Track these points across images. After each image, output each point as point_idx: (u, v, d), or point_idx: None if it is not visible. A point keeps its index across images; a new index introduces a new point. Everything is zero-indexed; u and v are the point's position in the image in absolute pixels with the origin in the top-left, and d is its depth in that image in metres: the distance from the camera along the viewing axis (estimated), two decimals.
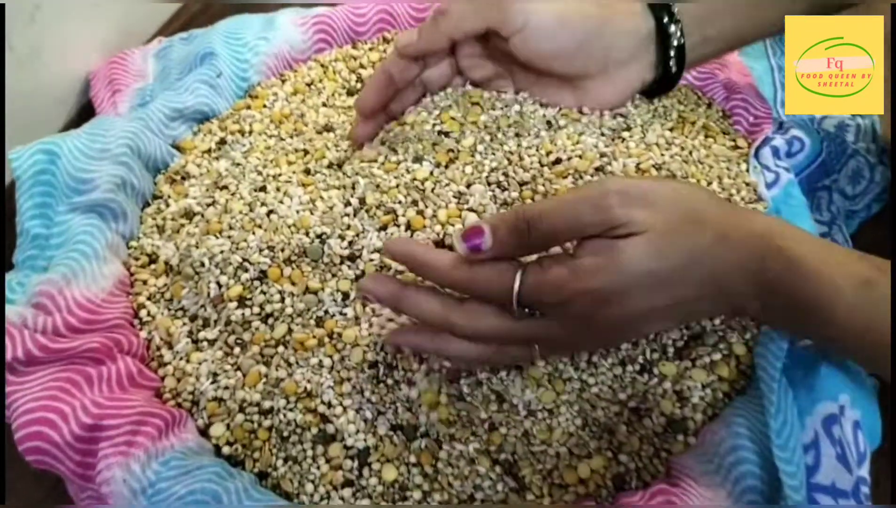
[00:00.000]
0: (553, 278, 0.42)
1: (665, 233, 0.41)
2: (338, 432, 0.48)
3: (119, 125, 0.58)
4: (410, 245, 0.46)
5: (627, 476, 0.48)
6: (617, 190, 0.41)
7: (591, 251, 0.42)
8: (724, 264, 0.43)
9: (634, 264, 0.41)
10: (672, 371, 0.49)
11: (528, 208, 0.42)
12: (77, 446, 0.45)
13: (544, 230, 0.41)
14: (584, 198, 0.42)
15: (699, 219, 0.43)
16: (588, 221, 0.41)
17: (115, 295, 0.53)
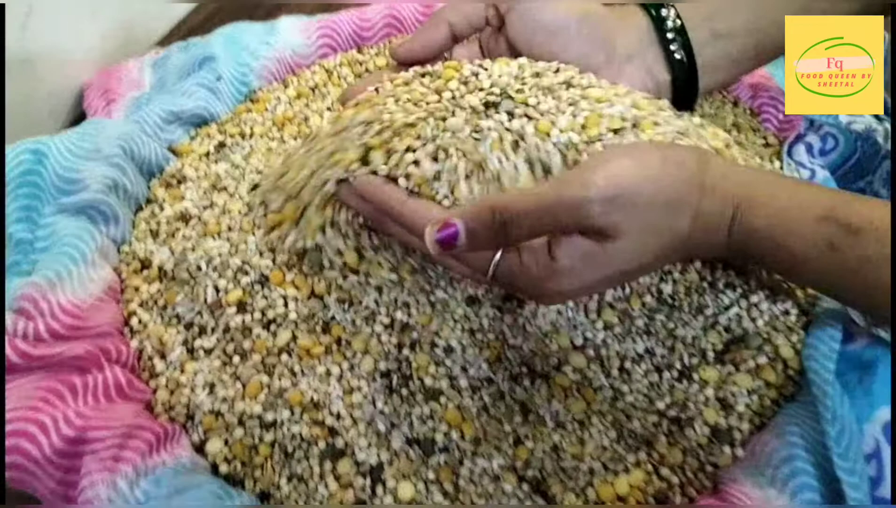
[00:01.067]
0: (529, 273, 0.42)
1: (638, 236, 0.41)
2: (347, 446, 0.44)
3: (112, 126, 0.55)
4: (386, 192, 0.45)
5: (671, 491, 0.43)
6: (600, 199, 0.39)
7: (567, 252, 0.41)
8: (694, 242, 0.43)
9: (609, 266, 0.42)
10: (714, 377, 0.45)
11: (505, 207, 0.40)
12: (57, 461, 0.40)
13: (521, 232, 0.40)
14: (564, 204, 0.39)
15: (677, 206, 0.42)
16: (568, 225, 0.40)
17: (104, 301, 0.48)
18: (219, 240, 0.49)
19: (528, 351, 0.47)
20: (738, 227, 0.42)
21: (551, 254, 0.41)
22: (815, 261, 0.41)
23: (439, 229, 0.40)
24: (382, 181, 0.45)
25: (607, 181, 0.40)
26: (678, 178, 0.41)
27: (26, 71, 0.64)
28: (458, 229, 0.40)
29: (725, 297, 0.47)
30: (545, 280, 0.42)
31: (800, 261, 0.41)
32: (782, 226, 0.41)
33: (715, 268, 0.48)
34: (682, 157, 0.42)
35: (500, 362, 0.47)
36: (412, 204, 0.44)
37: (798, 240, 0.41)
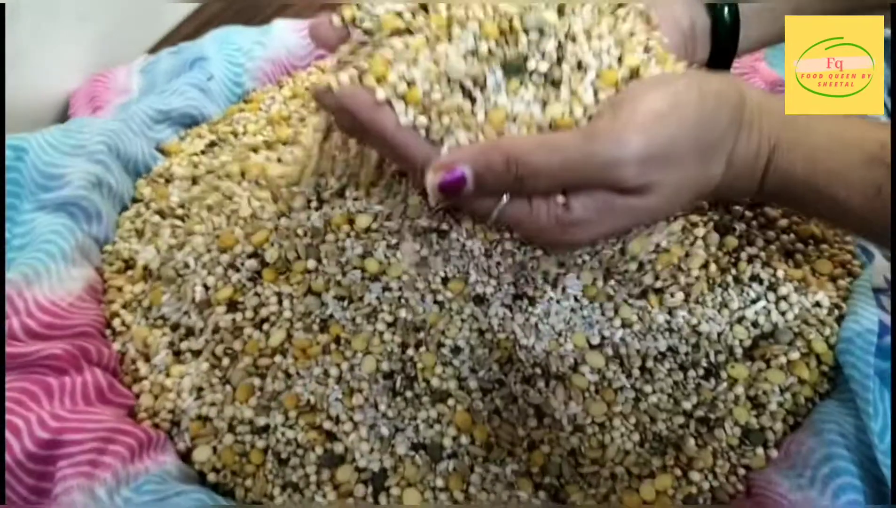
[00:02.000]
0: (538, 222, 0.37)
1: (671, 192, 0.37)
2: (347, 451, 0.40)
3: (97, 124, 0.52)
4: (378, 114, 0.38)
5: (701, 496, 0.39)
6: (636, 159, 0.34)
7: (585, 205, 0.36)
8: (723, 188, 0.39)
9: (629, 218, 0.38)
10: (743, 374, 0.42)
11: (524, 159, 0.35)
12: (30, 466, 0.37)
13: (539, 187, 0.36)
14: (595, 164, 0.35)
15: (713, 151, 0.38)
16: (597, 184, 0.36)
17: (85, 301, 0.45)
18: (208, 237, 0.46)
19: (541, 352, 0.44)
20: (773, 173, 0.39)
21: (566, 203, 0.37)
22: (860, 207, 0.38)
23: (443, 173, 0.36)
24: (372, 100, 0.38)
25: (643, 136, 0.35)
26: (717, 119, 0.37)
27: (10, 77, 0.61)
28: (464, 175, 0.35)
29: (751, 290, 0.44)
30: (556, 231, 0.37)
31: (843, 207, 0.38)
32: (824, 170, 0.38)
33: (739, 260, 0.45)
34: (720, 88, 0.38)
35: (511, 363, 0.44)
36: (405, 135, 0.38)
37: (842, 185, 0.38)
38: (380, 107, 0.37)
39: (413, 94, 0.37)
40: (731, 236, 0.46)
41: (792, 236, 0.46)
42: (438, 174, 0.35)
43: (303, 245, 0.45)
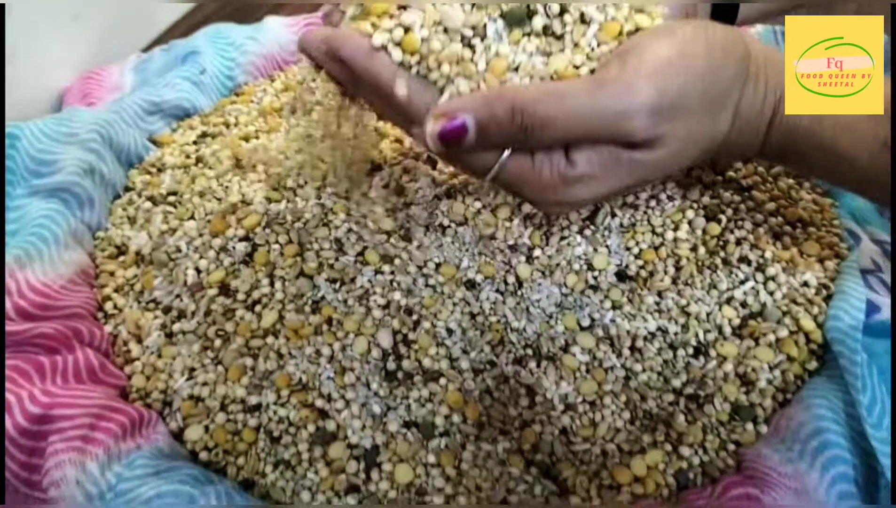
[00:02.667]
0: (540, 178, 0.35)
1: (679, 146, 0.36)
2: (339, 429, 0.40)
3: (90, 113, 0.53)
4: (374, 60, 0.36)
5: (691, 472, 0.39)
6: (646, 110, 0.33)
7: (588, 157, 0.35)
8: (731, 147, 0.39)
9: (634, 176, 0.36)
10: (733, 352, 0.42)
11: (529, 109, 0.33)
12: (22, 442, 0.37)
13: (544, 139, 0.34)
14: (605, 115, 0.33)
15: (721, 103, 0.37)
16: (603, 137, 0.34)
17: (77, 284, 0.45)
18: (199, 221, 0.46)
19: (532, 333, 0.44)
20: (778, 126, 0.39)
21: (569, 157, 0.35)
22: (865, 161, 0.38)
23: (444, 122, 0.34)
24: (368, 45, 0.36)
25: (654, 86, 0.33)
26: (724, 68, 0.36)
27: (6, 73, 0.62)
28: (466, 123, 0.34)
29: (740, 272, 0.45)
30: (557, 188, 0.35)
31: (847, 162, 0.38)
32: (830, 123, 0.38)
33: (727, 242, 0.45)
34: (726, 39, 0.37)
35: (502, 345, 0.44)
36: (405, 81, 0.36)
37: (847, 138, 0.38)
38: (376, 53, 0.35)
39: (410, 40, 0.35)
40: (718, 219, 0.46)
41: (780, 219, 0.46)
42: (439, 122, 0.34)
43: (295, 230, 0.45)
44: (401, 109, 0.36)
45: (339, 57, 0.36)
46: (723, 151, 0.39)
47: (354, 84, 0.38)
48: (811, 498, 0.36)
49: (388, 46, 0.35)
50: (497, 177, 0.36)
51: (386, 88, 0.36)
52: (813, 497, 0.36)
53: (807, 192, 0.49)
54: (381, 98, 0.37)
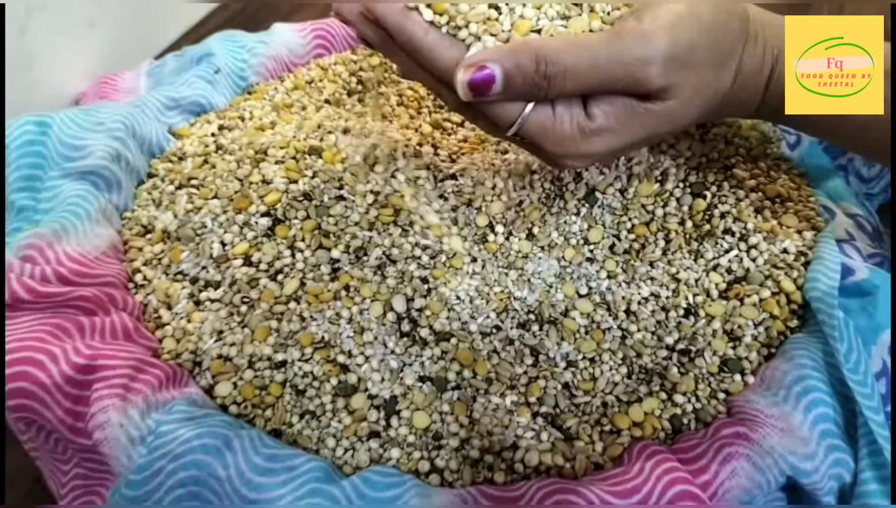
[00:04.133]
0: (560, 131, 0.38)
1: (689, 95, 0.39)
2: (360, 381, 0.43)
3: (114, 106, 0.56)
4: (408, 19, 0.38)
5: (685, 417, 0.43)
6: (661, 58, 0.36)
7: (606, 111, 0.38)
8: (730, 102, 0.42)
9: (647, 129, 0.39)
10: (720, 311, 0.46)
11: (553, 58, 0.36)
12: (67, 389, 0.39)
13: (565, 88, 0.37)
14: (622, 61, 0.36)
15: (724, 61, 0.40)
16: (621, 86, 0.37)
17: (108, 256, 0.48)
18: (223, 200, 0.50)
19: (534, 302, 0.48)
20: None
21: (587, 111, 0.38)
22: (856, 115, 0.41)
23: (473, 71, 0.36)
24: (401, 5, 0.39)
25: (668, 37, 0.36)
26: (729, 27, 0.40)
27: (23, 76, 0.65)
28: (494, 73, 0.36)
29: (724, 242, 0.48)
30: (577, 140, 0.38)
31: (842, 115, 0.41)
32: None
33: (712, 216, 0.49)
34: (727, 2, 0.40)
35: (506, 312, 0.47)
36: (435, 36, 0.38)
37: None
38: (408, 12, 0.38)
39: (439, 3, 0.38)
40: (704, 196, 0.50)
41: (760, 195, 0.50)
42: (469, 71, 0.36)
43: (313, 207, 0.49)
44: (430, 65, 0.39)
45: (373, 16, 0.39)
46: (725, 106, 0.42)
47: (387, 45, 0.41)
48: (796, 435, 0.40)
49: (420, 7, 0.38)
50: (519, 130, 0.39)
51: (418, 42, 0.38)
52: (797, 435, 0.40)
53: (784, 172, 0.53)
54: (413, 56, 0.39)
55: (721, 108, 0.43)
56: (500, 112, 0.39)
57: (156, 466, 0.38)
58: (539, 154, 0.42)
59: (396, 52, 0.40)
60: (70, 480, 0.44)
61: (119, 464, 0.39)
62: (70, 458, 0.43)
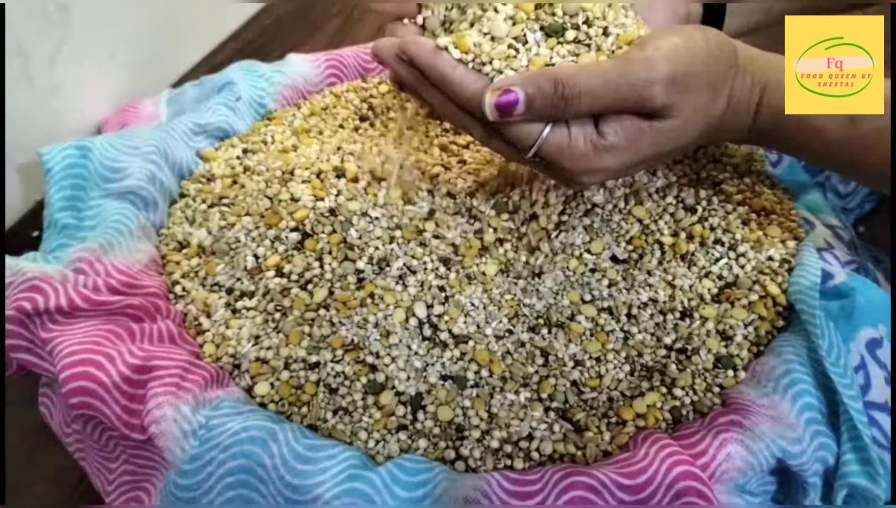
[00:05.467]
0: (576, 149, 0.43)
1: (690, 115, 0.43)
2: (388, 380, 0.47)
3: (146, 131, 0.60)
4: (435, 58, 0.44)
5: (684, 409, 0.47)
6: (664, 79, 0.41)
7: (616, 129, 0.43)
8: (725, 126, 0.47)
9: (654, 146, 0.44)
10: (713, 313, 0.50)
11: (569, 81, 0.41)
12: (124, 388, 0.43)
13: (581, 107, 0.42)
14: (630, 82, 0.41)
15: (718, 86, 0.45)
16: (629, 105, 0.42)
17: (150, 269, 0.52)
18: (255, 217, 0.54)
19: (542, 308, 0.52)
20: (764, 107, 0.46)
21: (599, 130, 0.43)
22: (835, 135, 0.45)
23: (499, 95, 0.41)
24: (433, 46, 0.44)
25: (669, 62, 0.41)
26: (720, 58, 0.44)
27: (52, 100, 0.69)
28: (517, 95, 0.41)
29: (715, 252, 0.53)
30: (590, 156, 0.43)
31: (821, 136, 0.45)
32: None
33: (704, 229, 0.54)
34: (720, 37, 0.45)
35: (517, 317, 0.51)
36: (462, 71, 0.44)
37: (820, 116, 0.45)
38: (438, 52, 0.44)
39: (464, 42, 0.44)
40: (695, 211, 0.55)
41: (746, 208, 0.55)
42: (495, 94, 0.41)
43: (339, 222, 0.53)
44: (459, 95, 0.44)
45: (407, 57, 0.44)
46: (720, 131, 0.47)
47: (420, 83, 0.46)
48: (784, 422, 0.44)
49: (448, 47, 0.44)
50: (539, 151, 0.43)
51: (448, 76, 0.43)
52: (785, 422, 0.44)
53: (768, 187, 0.58)
54: (443, 89, 0.44)
55: (717, 131, 0.47)
56: (521, 134, 0.43)
57: (207, 456, 0.42)
58: (554, 174, 0.47)
59: (429, 89, 0.45)
60: (117, 477, 0.47)
61: (173, 456, 0.42)
62: (118, 455, 0.47)
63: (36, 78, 0.67)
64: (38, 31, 0.66)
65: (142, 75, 0.78)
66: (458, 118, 0.46)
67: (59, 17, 0.68)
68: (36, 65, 0.66)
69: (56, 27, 0.68)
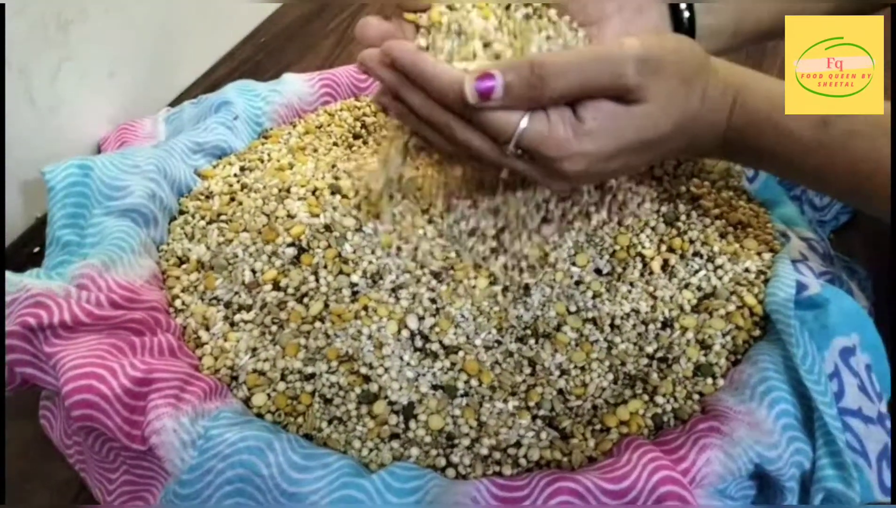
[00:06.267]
0: (556, 134, 0.44)
1: (664, 102, 0.45)
2: (381, 390, 0.49)
3: (146, 150, 0.62)
4: (416, 57, 0.45)
5: (665, 416, 0.49)
6: (636, 57, 0.43)
7: (594, 115, 0.44)
8: (701, 125, 0.48)
9: (632, 131, 0.45)
10: (692, 323, 0.52)
11: (545, 63, 0.42)
12: (126, 400, 0.45)
13: (558, 89, 0.43)
14: (602, 60, 0.43)
15: (693, 82, 0.46)
16: (603, 84, 0.43)
17: (151, 284, 0.54)
18: (253, 233, 0.56)
19: (529, 319, 0.54)
20: (739, 110, 0.47)
21: (578, 116, 0.44)
22: (808, 137, 0.46)
23: (478, 79, 0.42)
24: (414, 47, 0.46)
25: (641, 46, 0.43)
26: (692, 56, 0.46)
27: (53, 118, 0.71)
28: (496, 78, 0.42)
29: (694, 264, 0.55)
30: (571, 141, 0.44)
31: (795, 140, 0.46)
32: (780, 106, 0.46)
33: (683, 242, 0.56)
34: (692, 42, 0.47)
35: (505, 328, 0.53)
36: (444, 66, 0.45)
37: (794, 118, 0.46)
38: (419, 51, 0.46)
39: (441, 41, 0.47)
40: (676, 226, 0.57)
41: (724, 222, 0.57)
42: (474, 78, 0.43)
43: (333, 237, 0.55)
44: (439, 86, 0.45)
45: (390, 58, 0.46)
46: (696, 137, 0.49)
47: (402, 85, 0.47)
48: (761, 428, 0.46)
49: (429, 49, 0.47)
50: (520, 140, 0.44)
51: (430, 71, 0.45)
52: (762, 428, 0.46)
53: (744, 201, 0.60)
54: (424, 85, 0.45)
55: (693, 138, 0.49)
56: (500, 123, 0.44)
57: (206, 466, 0.44)
58: (536, 171, 0.48)
59: (410, 90, 0.46)
60: (117, 487, 0.49)
61: (173, 465, 0.44)
62: (119, 466, 0.49)
63: (37, 97, 0.69)
64: (39, 51, 0.68)
65: (140, 94, 0.80)
66: (439, 117, 0.46)
67: (59, 37, 0.70)
68: (37, 84, 0.68)
69: (57, 47, 0.70)
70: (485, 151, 0.47)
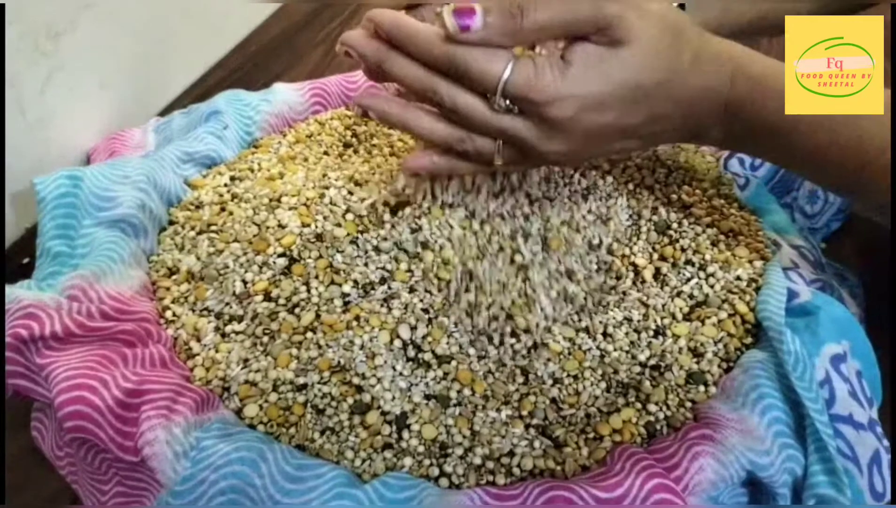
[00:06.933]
0: (543, 76, 0.44)
1: (651, 47, 0.44)
2: (374, 400, 0.49)
3: (135, 160, 0.62)
4: (399, 16, 0.46)
5: (658, 424, 0.49)
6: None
7: (581, 57, 0.44)
8: (696, 85, 0.46)
9: (621, 73, 0.44)
10: (685, 331, 0.52)
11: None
12: (118, 411, 0.44)
13: (537, 19, 0.42)
14: None
15: (680, 36, 0.46)
16: (582, 15, 0.43)
17: (142, 295, 0.54)
18: (243, 243, 0.55)
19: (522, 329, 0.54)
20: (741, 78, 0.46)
21: (564, 58, 0.44)
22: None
23: (457, 12, 0.42)
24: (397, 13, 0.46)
25: None
26: (679, 15, 0.46)
27: (42, 130, 0.71)
28: (476, 12, 0.42)
29: (686, 272, 0.55)
30: (559, 84, 0.43)
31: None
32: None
33: (675, 250, 0.56)
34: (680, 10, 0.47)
35: None
36: (426, 24, 0.45)
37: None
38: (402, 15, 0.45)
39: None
40: (668, 234, 0.57)
41: (715, 230, 0.58)
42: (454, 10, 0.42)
43: (324, 247, 0.55)
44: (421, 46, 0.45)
45: (374, 23, 0.46)
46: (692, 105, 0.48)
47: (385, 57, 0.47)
48: (753, 435, 0.46)
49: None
50: (507, 87, 0.44)
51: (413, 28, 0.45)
52: (755, 435, 0.46)
53: (736, 210, 0.61)
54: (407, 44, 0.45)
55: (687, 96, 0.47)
56: (485, 69, 0.44)
57: (199, 477, 0.43)
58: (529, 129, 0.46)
59: (394, 59, 0.46)
60: (110, 498, 0.49)
61: (166, 477, 0.44)
62: (111, 478, 0.48)
63: (27, 108, 0.68)
64: (29, 61, 0.68)
65: (130, 104, 0.80)
66: (424, 81, 0.46)
67: (49, 47, 0.70)
68: (27, 95, 0.68)
69: (47, 57, 0.70)
70: (473, 111, 0.46)
